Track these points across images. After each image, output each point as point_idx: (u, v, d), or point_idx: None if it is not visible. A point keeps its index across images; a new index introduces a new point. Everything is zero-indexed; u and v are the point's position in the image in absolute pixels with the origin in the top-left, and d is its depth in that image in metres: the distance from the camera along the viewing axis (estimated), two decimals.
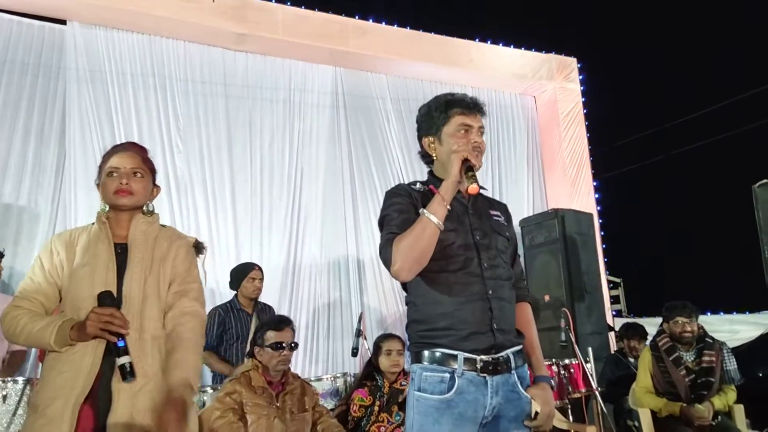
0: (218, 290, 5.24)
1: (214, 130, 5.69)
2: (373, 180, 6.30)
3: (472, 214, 2.03)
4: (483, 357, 1.86)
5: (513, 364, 1.91)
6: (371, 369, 3.54)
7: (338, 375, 3.89)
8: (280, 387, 3.12)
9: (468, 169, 1.89)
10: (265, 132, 5.91)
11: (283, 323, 3.20)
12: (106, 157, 2.15)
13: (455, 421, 1.81)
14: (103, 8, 5.21)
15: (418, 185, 2.05)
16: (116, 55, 5.39)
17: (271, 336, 3.13)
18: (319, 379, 3.86)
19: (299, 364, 5.45)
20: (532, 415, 1.91)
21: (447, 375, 1.85)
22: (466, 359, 1.85)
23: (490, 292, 1.91)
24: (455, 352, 1.85)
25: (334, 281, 5.92)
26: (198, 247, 2.22)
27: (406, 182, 2.12)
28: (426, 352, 1.89)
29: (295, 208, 5.88)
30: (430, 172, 2.11)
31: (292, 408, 3.09)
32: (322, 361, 5.68)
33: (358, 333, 4.09)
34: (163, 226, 2.21)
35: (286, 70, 6.14)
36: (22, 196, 4.85)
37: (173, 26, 5.54)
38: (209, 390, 3.54)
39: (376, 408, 3.34)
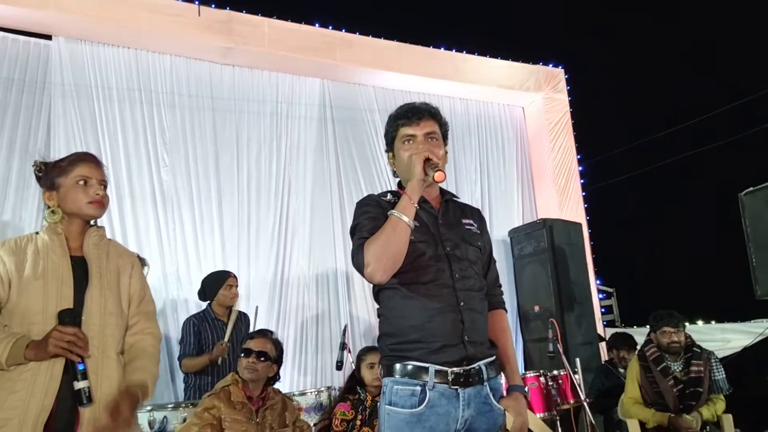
0: (204, 304, 5.21)
1: (200, 143, 5.67)
2: (361, 191, 6.28)
3: (442, 225, 2.01)
4: (454, 369, 1.84)
5: (485, 376, 1.89)
6: (354, 382, 3.50)
7: (322, 389, 3.86)
8: (260, 402, 3.08)
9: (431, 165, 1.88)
10: (252, 145, 5.90)
11: (258, 333, 3.19)
12: (68, 163, 2.08)
13: None
14: (88, 23, 5.19)
15: (389, 196, 2.05)
16: (102, 69, 5.38)
17: (245, 344, 3.12)
18: (303, 394, 3.83)
19: (287, 377, 5.40)
20: (505, 426, 1.90)
21: (418, 388, 1.83)
22: (437, 372, 1.83)
23: (462, 303, 1.90)
24: (426, 365, 1.83)
25: (323, 293, 5.89)
26: (141, 262, 2.21)
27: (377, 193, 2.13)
28: (397, 366, 1.87)
29: (282, 220, 5.85)
30: (399, 183, 2.13)
31: (272, 423, 3.05)
32: (310, 374, 5.63)
33: (343, 346, 4.06)
34: (110, 240, 2.18)
35: (273, 82, 6.13)
36: (6, 211, 4.81)
37: (159, 40, 5.54)
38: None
39: (358, 422, 3.30)
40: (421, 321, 1.86)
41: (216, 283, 4.35)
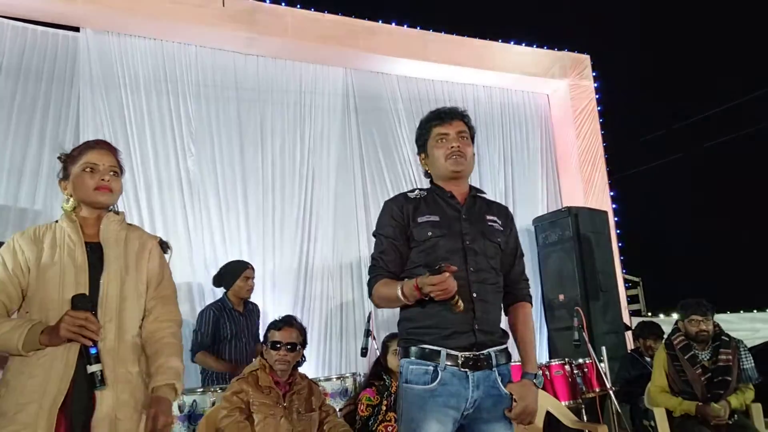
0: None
1: (225, 133, 5.73)
2: (384, 181, 6.30)
3: (465, 220, 2.15)
4: (465, 353, 2.00)
5: (494, 362, 2.03)
6: (379, 368, 3.53)
7: (347, 375, 3.88)
8: (287, 387, 3.12)
9: (451, 297, 1.95)
10: (276, 134, 5.93)
11: (283, 323, 3.18)
12: (78, 152, 2.10)
13: (439, 408, 1.96)
14: (115, 15, 5.27)
15: (416, 192, 2.24)
16: (129, 60, 5.45)
17: (271, 335, 3.14)
18: (328, 379, 3.87)
19: (312, 364, 5.45)
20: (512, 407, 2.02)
21: (431, 368, 1.99)
22: (448, 355, 1.99)
23: (475, 294, 2.04)
24: (439, 348, 2.00)
25: (347, 282, 5.92)
26: (163, 246, 2.22)
27: (408, 189, 2.32)
28: (413, 348, 2.05)
29: (306, 209, 5.89)
30: (431, 182, 2.30)
31: (299, 408, 3.08)
32: (335, 361, 5.68)
33: (367, 333, 4.07)
34: (130, 224, 2.19)
35: (297, 72, 6.15)
36: (38, 201, 4.92)
37: (184, 31, 5.60)
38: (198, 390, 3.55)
39: (384, 407, 3.33)
40: (435, 309, 2.00)
41: (233, 274, 4.32)
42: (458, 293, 1.96)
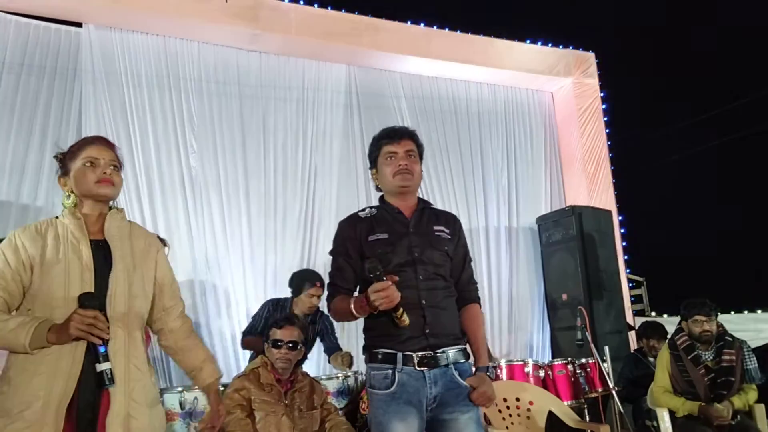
0: (234, 293, 5.30)
1: (228, 130, 5.72)
2: None
3: (413, 233, 2.28)
4: (419, 353, 2.16)
5: (449, 360, 2.19)
6: None
7: (349, 373, 3.87)
8: (289, 384, 3.11)
9: (395, 309, 2.07)
10: (279, 131, 5.92)
11: (285, 321, 3.18)
12: (77, 147, 2.09)
13: (400, 409, 2.12)
14: (117, 11, 5.26)
15: (367, 210, 2.38)
16: (131, 56, 5.45)
17: (273, 333, 3.13)
18: (329, 378, 3.85)
19: (314, 363, 5.44)
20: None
21: (389, 371, 2.16)
22: (404, 356, 2.16)
23: (424, 302, 2.18)
24: (395, 352, 2.17)
25: None
26: (162, 243, 2.24)
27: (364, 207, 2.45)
28: (373, 353, 2.22)
29: (309, 207, 5.88)
30: (381, 197, 2.42)
31: (300, 405, 3.07)
32: None
33: None
34: (130, 222, 2.18)
35: (300, 69, 6.14)
36: (40, 197, 4.91)
37: (187, 27, 5.58)
38: None
39: None
40: (391, 317, 2.12)
41: (300, 285, 4.20)
42: (409, 301, 2.08)
